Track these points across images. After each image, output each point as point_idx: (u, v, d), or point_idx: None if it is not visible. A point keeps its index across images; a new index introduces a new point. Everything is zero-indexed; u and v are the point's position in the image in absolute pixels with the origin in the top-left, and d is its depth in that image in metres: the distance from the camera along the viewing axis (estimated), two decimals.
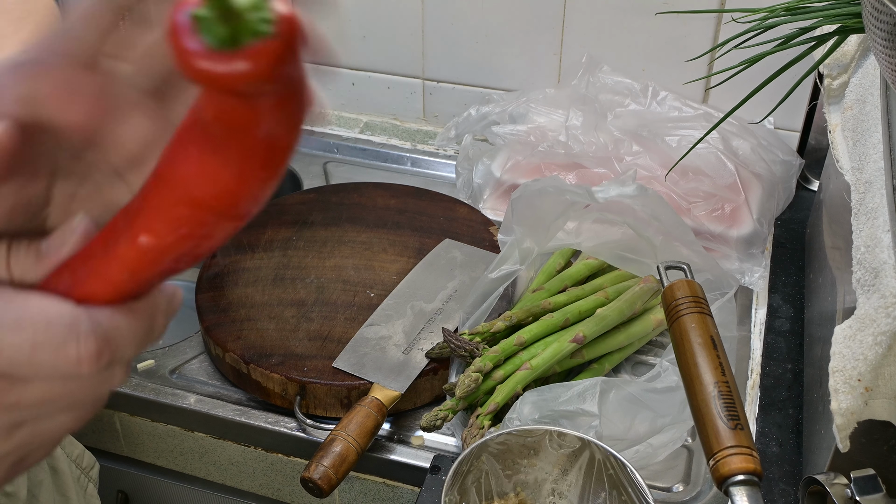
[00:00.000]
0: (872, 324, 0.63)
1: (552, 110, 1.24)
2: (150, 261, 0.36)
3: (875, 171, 0.74)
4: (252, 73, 0.29)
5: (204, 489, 1.06)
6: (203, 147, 0.32)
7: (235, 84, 0.30)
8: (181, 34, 0.29)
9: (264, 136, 0.32)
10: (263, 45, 0.29)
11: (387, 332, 0.98)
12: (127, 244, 0.36)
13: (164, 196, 0.34)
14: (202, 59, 0.29)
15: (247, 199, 0.33)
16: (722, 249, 1.10)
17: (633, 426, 0.83)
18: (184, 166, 0.33)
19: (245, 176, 0.32)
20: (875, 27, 0.64)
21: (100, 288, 0.38)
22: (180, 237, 0.35)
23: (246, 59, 0.29)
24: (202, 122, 0.31)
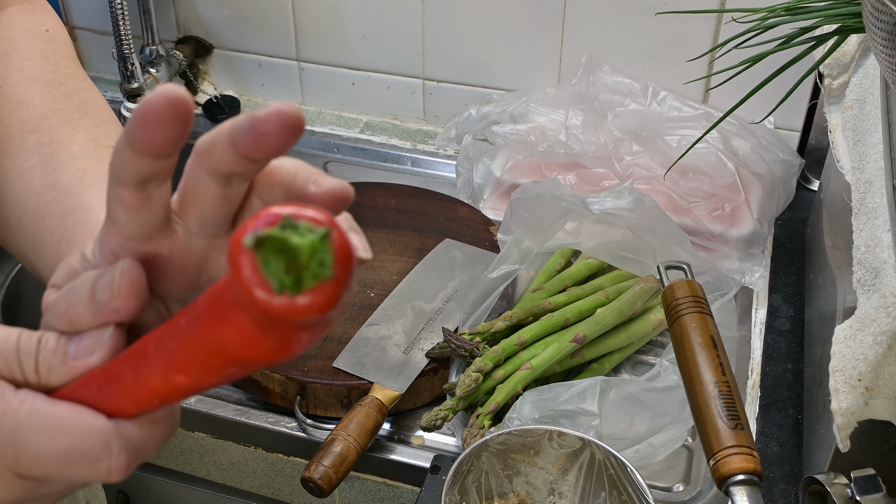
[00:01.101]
0: (873, 323, 0.63)
1: (552, 110, 1.24)
2: (180, 393, 0.39)
3: (875, 171, 0.74)
4: (312, 311, 0.31)
5: (204, 489, 1.06)
6: (246, 322, 0.33)
7: (293, 318, 0.32)
8: (243, 265, 0.31)
9: (307, 335, 0.34)
10: (323, 286, 0.31)
11: (387, 332, 0.98)
12: (161, 379, 0.39)
13: (203, 347, 0.36)
14: (264, 293, 0.31)
15: (280, 361, 0.35)
16: (722, 249, 1.10)
17: (633, 426, 0.83)
18: (226, 330, 0.34)
19: (283, 352, 0.34)
20: (875, 27, 0.64)
21: (128, 405, 0.40)
22: (212, 379, 0.38)
23: (307, 299, 0.31)
24: (245, 306, 0.33)
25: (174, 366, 0.38)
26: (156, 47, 1.36)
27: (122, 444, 0.40)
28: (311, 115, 1.43)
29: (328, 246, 0.31)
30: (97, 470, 0.40)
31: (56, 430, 0.40)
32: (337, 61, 1.39)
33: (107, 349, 0.42)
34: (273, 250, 0.31)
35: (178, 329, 0.38)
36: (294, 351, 0.35)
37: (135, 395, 0.40)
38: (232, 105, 1.43)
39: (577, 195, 0.92)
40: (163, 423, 0.42)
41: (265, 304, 0.31)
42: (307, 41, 1.38)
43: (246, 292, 0.31)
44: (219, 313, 0.35)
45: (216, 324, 0.35)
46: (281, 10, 1.36)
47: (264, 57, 1.42)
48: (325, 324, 0.34)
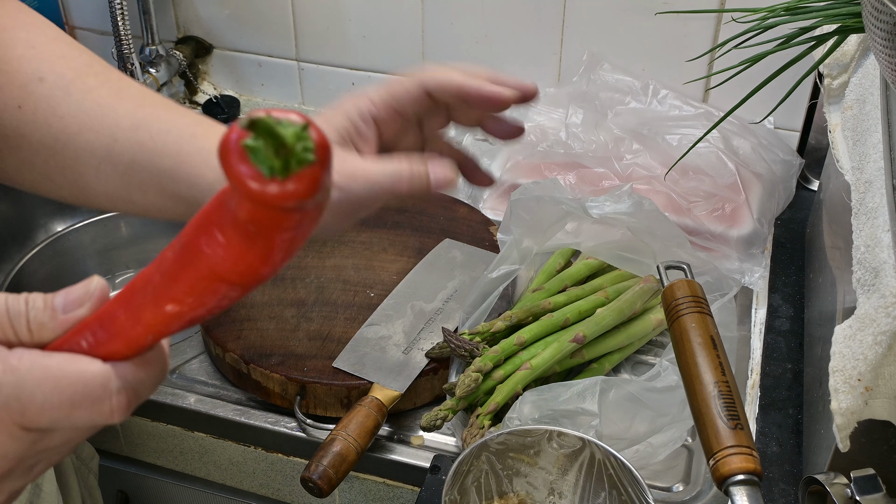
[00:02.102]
0: (872, 323, 0.63)
1: (552, 109, 1.24)
2: (172, 324, 0.41)
3: (875, 171, 0.74)
4: (300, 194, 0.35)
5: (204, 489, 1.07)
6: (232, 234, 0.37)
7: (284, 203, 0.35)
8: (235, 160, 0.34)
9: (291, 233, 0.37)
10: (309, 171, 0.34)
11: (387, 332, 0.98)
12: (153, 312, 0.41)
13: (191, 271, 0.39)
14: (257, 183, 0.34)
15: (266, 275, 0.38)
16: (722, 249, 1.10)
17: (633, 425, 0.83)
18: (213, 248, 0.37)
19: (268, 260, 0.37)
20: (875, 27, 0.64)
21: (122, 347, 0.43)
22: (202, 304, 0.40)
23: (295, 183, 0.34)
24: (234, 215, 0.36)
25: (165, 296, 0.40)
26: (155, 47, 1.36)
27: (121, 384, 0.42)
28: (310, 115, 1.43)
29: (309, 135, 0.35)
30: (100, 411, 0.42)
31: (58, 378, 0.42)
32: (337, 61, 1.39)
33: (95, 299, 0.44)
34: (262, 136, 0.34)
35: (165, 262, 0.40)
36: (277, 259, 0.37)
37: (128, 335, 0.42)
38: (231, 105, 1.43)
39: (577, 198, 0.92)
40: (155, 363, 0.44)
41: (258, 192, 0.34)
42: (307, 41, 1.39)
43: (240, 183, 0.34)
44: (205, 234, 0.37)
45: (203, 245, 0.37)
46: (281, 10, 1.36)
47: (264, 57, 1.42)
48: (304, 224, 0.37)
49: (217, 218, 0.37)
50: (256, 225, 0.36)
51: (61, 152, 0.70)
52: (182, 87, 1.45)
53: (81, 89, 0.70)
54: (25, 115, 0.70)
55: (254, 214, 0.36)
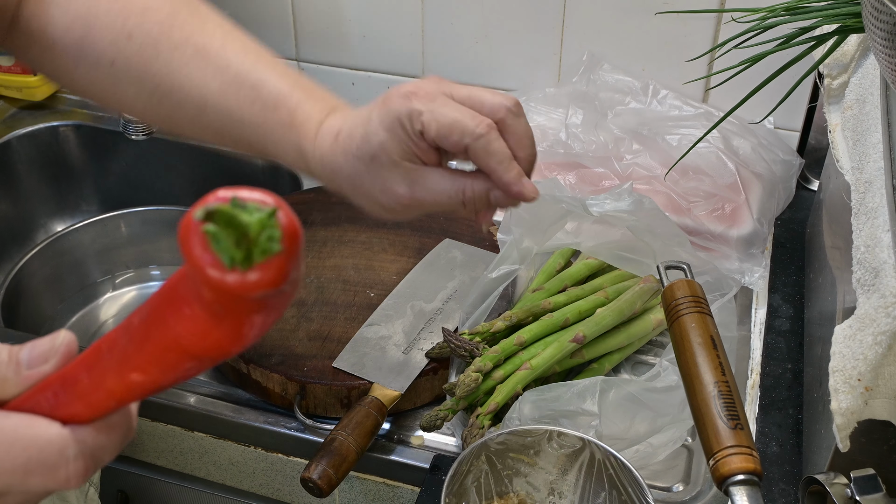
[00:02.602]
0: (872, 323, 0.63)
1: (552, 109, 1.24)
2: (135, 392, 0.40)
3: (875, 171, 0.74)
4: (262, 286, 0.32)
5: (204, 489, 1.07)
6: (198, 310, 0.35)
7: (245, 293, 0.33)
8: (193, 244, 0.32)
9: (260, 317, 0.35)
10: (274, 261, 0.32)
11: (387, 332, 0.98)
12: (117, 379, 0.39)
13: (156, 342, 0.37)
14: (216, 271, 0.32)
15: (234, 352, 0.37)
16: (722, 249, 1.10)
17: (633, 425, 0.83)
18: (179, 322, 0.35)
19: (236, 339, 0.36)
20: (875, 27, 0.64)
21: (83, 410, 0.41)
22: (166, 376, 0.38)
23: (259, 273, 0.32)
24: (199, 293, 0.34)
25: (129, 364, 0.38)
26: None
27: (79, 450, 0.41)
28: None
29: (276, 222, 0.33)
30: (55, 478, 0.41)
31: (12, 443, 0.40)
32: (337, 61, 1.39)
33: (60, 356, 0.42)
34: (223, 225, 0.32)
35: (131, 328, 0.38)
36: (247, 338, 0.36)
37: (90, 399, 0.40)
38: None
39: (577, 197, 0.92)
40: (118, 427, 0.43)
41: (217, 281, 0.32)
42: (307, 41, 1.38)
43: (199, 270, 0.32)
44: (172, 306, 0.36)
45: (169, 317, 0.36)
46: (281, 10, 1.36)
47: None
48: (276, 307, 0.35)
49: (184, 291, 0.35)
50: (222, 307, 0.34)
51: (157, 104, 0.74)
52: None
53: (168, 48, 0.72)
54: (119, 71, 0.72)
55: (217, 299, 0.34)
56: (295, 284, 0.35)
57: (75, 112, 1.43)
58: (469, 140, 0.67)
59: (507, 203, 0.71)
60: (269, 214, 0.33)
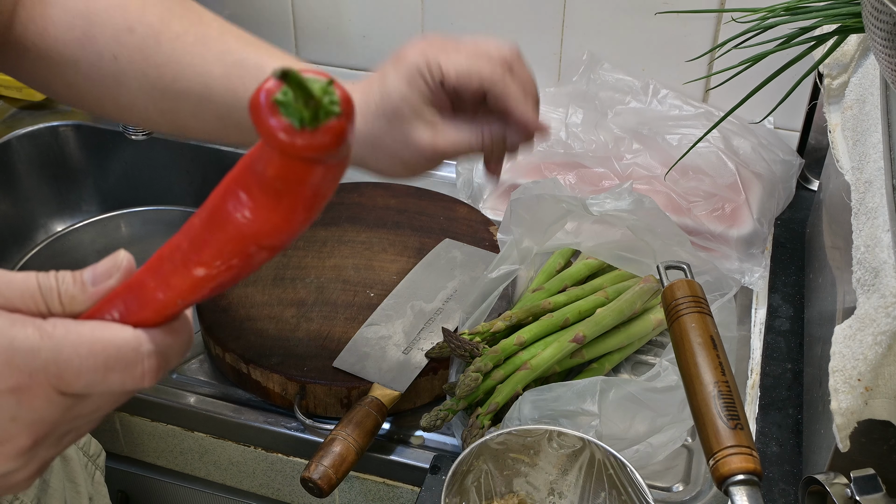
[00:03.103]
0: (872, 323, 0.63)
1: (552, 109, 1.24)
2: (200, 289, 0.43)
3: (875, 171, 0.74)
4: (328, 146, 0.37)
5: (204, 489, 1.07)
6: (258, 193, 0.38)
7: (313, 154, 0.36)
8: (266, 114, 0.36)
9: (315, 189, 0.38)
10: (336, 123, 0.36)
11: (387, 332, 0.98)
12: (182, 278, 0.42)
13: (218, 234, 0.40)
14: (288, 135, 0.36)
15: (291, 236, 0.40)
16: (722, 249, 1.10)
17: (633, 426, 0.83)
18: (239, 209, 0.39)
19: (294, 219, 0.39)
20: (875, 27, 0.64)
21: (151, 314, 0.44)
22: (230, 268, 0.41)
23: (323, 134, 0.36)
24: (260, 174, 0.38)
25: (193, 261, 0.41)
26: None
27: (151, 349, 0.44)
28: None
29: (334, 90, 0.37)
30: (133, 375, 0.44)
31: (92, 343, 0.44)
32: (337, 61, 1.39)
33: (122, 271, 0.46)
34: (293, 87, 0.36)
35: (192, 228, 0.41)
36: (302, 219, 0.39)
37: (157, 302, 0.44)
38: None
39: (577, 196, 0.92)
40: (182, 331, 0.46)
41: (289, 143, 0.36)
42: (307, 41, 1.38)
43: (272, 136, 0.36)
44: (231, 195, 0.39)
45: (229, 206, 0.39)
46: (281, 10, 1.36)
47: None
48: (329, 180, 0.39)
49: (243, 180, 0.38)
50: (283, 181, 0.37)
51: (160, 97, 0.74)
52: None
53: (170, 38, 0.73)
54: (121, 65, 0.73)
55: (281, 169, 0.37)
56: (347, 156, 0.38)
57: (75, 112, 1.43)
58: (488, 84, 0.72)
59: (522, 142, 0.75)
60: (329, 82, 0.37)
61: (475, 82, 0.72)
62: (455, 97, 0.75)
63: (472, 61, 0.73)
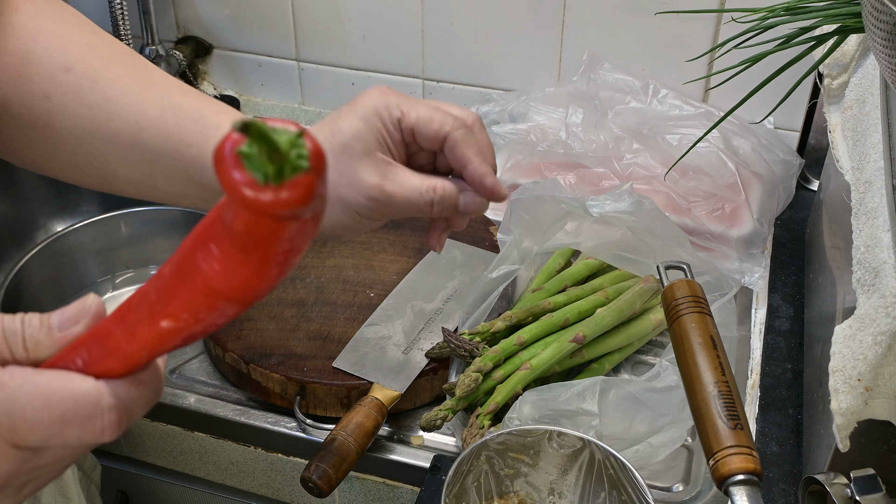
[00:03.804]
0: (872, 323, 0.63)
1: (552, 109, 1.24)
2: (167, 341, 0.41)
3: (875, 171, 0.74)
4: (294, 202, 0.35)
5: (204, 489, 1.07)
6: (228, 247, 0.37)
7: (279, 210, 0.35)
8: (229, 167, 0.34)
9: (286, 245, 0.37)
10: (303, 178, 0.34)
11: (387, 332, 0.98)
12: (148, 329, 0.41)
13: (187, 287, 0.38)
14: (253, 190, 0.34)
15: (263, 291, 0.38)
16: (722, 249, 1.10)
17: (633, 426, 0.83)
18: (208, 262, 0.37)
19: (265, 275, 0.38)
20: (875, 27, 0.64)
21: (116, 364, 0.42)
22: (198, 321, 0.40)
23: (290, 190, 0.34)
24: (229, 227, 0.36)
25: (160, 313, 0.40)
26: (155, 47, 1.36)
27: (113, 402, 0.43)
28: (310, 115, 1.43)
29: (303, 142, 0.35)
30: (91, 430, 0.43)
31: (48, 396, 0.42)
32: (337, 61, 1.39)
33: (91, 316, 0.44)
34: (256, 140, 0.34)
35: (161, 278, 0.40)
36: (273, 275, 0.38)
37: (122, 352, 0.42)
38: (232, 105, 1.43)
39: (577, 198, 0.92)
40: (148, 383, 0.44)
41: (252, 199, 0.34)
42: (307, 41, 1.38)
43: (235, 190, 0.34)
44: (200, 247, 0.37)
45: (198, 258, 0.37)
46: (281, 10, 1.36)
47: (264, 57, 1.42)
48: (300, 236, 0.37)
49: (213, 232, 0.37)
50: (252, 236, 0.36)
51: (89, 141, 0.71)
52: None
53: (108, 78, 0.70)
54: (53, 104, 0.70)
55: (249, 225, 0.35)
56: (321, 211, 0.37)
57: None
58: (449, 128, 0.68)
59: (475, 205, 0.71)
60: (298, 135, 0.35)
61: (434, 126, 0.68)
62: (411, 144, 0.71)
63: (433, 111, 0.69)
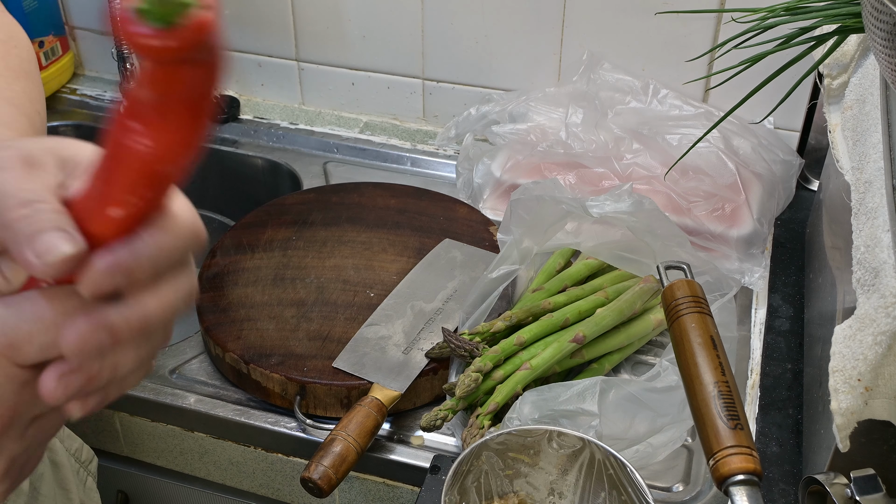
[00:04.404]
0: (872, 323, 0.63)
1: (552, 109, 1.24)
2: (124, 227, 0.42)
3: (875, 171, 0.74)
4: (195, 39, 0.36)
5: (204, 489, 1.07)
6: (146, 118, 0.39)
7: (179, 51, 0.37)
8: (131, 24, 0.36)
9: (194, 91, 0.38)
10: (197, 14, 0.36)
11: (387, 332, 0.98)
12: (100, 220, 0.41)
13: (121, 170, 0.40)
14: (151, 38, 0.36)
15: (185, 150, 0.40)
16: (722, 249, 1.10)
17: (633, 426, 0.83)
18: (135, 137, 0.39)
19: (183, 132, 0.39)
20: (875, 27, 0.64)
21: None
22: (140, 200, 0.41)
23: (188, 30, 0.36)
24: (140, 101, 0.38)
25: (105, 203, 0.41)
26: None
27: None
28: (310, 115, 1.43)
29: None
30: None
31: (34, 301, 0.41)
32: (337, 61, 1.39)
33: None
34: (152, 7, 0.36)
35: (98, 170, 0.41)
36: (193, 125, 0.39)
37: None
38: (231, 105, 1.43)
39: (577, 198, 0.92)
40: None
41: (156, 47, 0.36)
42: (307, 41, 1.38)
43: (139, 44, 0.36)
44: (118, 137, 0.39)
45: (122, 143, 0.39)
46: (280, 11, 1.36)
47: (264, 57, 1.42)
48: (207, 80, 0.38)
49: (130, 114, 0.39)
50: (163, 93, 0.38)
51: None
52: None
53: None
54: None
55: (157, 80, 0.37)
56: (218, 54, 0.38)
57: (75, 112, 1.43)
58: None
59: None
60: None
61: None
62: None
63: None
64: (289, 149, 1.38)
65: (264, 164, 1.38)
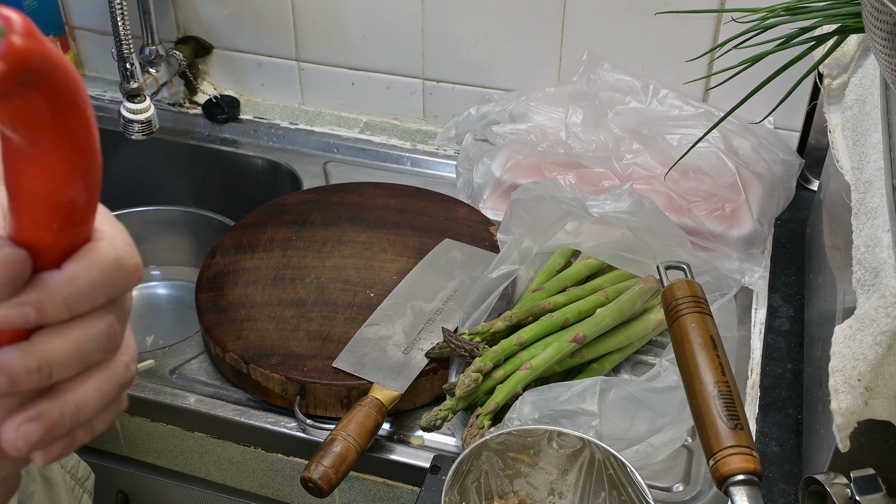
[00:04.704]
0: (872, 323, 0.63)
1: (552, 109, 1.24)
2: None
3: (875, 171, 0.74)
4: (7, 70, 0.33)
5: (204, 489, 1.07)
6: (20, 153, 0.37)
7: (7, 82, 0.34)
8: None
9: (49, 113, 0.36)
10: (5, 48, 0.33)
11: (387, 332, 0.98)
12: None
13: (26, 205, 0.38)
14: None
15: (76, 174, 0.38)
16: (722, 249, 1.10)
17: (633, 426, 0.83)
18: (24, 178, 0.37)
19: (61, 154, 0.37)
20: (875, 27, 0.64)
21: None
22: (56, 231, 0.39)
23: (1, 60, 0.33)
24: (5, 138, 0.36)
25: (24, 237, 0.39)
26: (155, 47, 1.36)
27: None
28: (310, 115, 1.43)
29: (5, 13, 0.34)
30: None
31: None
32: (337, 61, 1.39)
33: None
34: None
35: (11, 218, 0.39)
36: (70, 148, 0.37)
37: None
38: (231, 105, 1.43)
39: (577, 198, 0.92)
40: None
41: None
42: (307, 41, 1.38)
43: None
44: (8, 167, 0.38)
45: (17, 185, 0.38)
46: (281, 10, 1.36)
47: (264, 57, 1.42)
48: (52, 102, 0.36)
49: (6, 152, 0.37)
50: (12, 127, 0.36)
51: None
52: (182, 88, 1.45)
53: None
54: None
55: (9, 122, 0.35)
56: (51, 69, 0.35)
57: None
58: None
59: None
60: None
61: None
62: None
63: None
64: (289, 149, 1.39)
65: (264, 164, 1.38)
